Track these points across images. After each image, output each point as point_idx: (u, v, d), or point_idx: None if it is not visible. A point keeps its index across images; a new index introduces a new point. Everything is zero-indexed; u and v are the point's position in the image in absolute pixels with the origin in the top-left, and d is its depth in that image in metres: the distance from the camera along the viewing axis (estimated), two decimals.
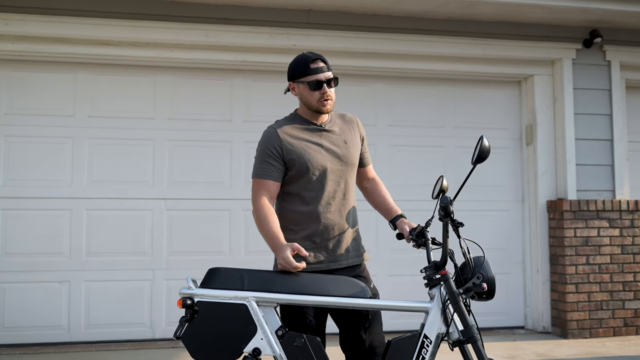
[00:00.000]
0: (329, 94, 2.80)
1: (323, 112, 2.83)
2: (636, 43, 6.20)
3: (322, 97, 2.79)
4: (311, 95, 2.81)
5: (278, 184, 2.78)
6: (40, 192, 5.37)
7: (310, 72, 2.79)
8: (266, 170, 2.76)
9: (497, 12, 5.71)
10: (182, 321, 2.52)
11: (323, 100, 2.80)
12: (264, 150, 2.78)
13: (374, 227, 5.83)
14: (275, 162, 2.76)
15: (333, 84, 2.83)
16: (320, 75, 2.79)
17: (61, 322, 5.35)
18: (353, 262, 2.86)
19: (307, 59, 2.81)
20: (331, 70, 2.85)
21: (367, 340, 2.77)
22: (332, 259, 2.80)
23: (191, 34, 5.40)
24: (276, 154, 2.76)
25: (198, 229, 5.61)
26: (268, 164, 2.76)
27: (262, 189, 2.76)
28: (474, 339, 2.52)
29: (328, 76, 2.81)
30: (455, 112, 6.20)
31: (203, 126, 5.69)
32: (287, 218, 2.83)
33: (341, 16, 5.65)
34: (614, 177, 6.05)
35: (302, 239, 2.78)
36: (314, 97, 2.80)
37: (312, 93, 2.80)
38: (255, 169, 2.80)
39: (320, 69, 2.80)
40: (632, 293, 5.90)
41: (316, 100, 2.80)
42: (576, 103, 6.05)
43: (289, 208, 2.82)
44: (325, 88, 2.79)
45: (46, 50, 5.28)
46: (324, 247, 2.79)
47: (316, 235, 2.79)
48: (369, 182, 3.11)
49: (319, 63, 2.81)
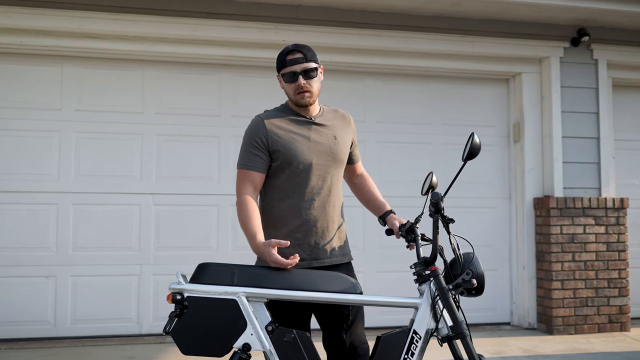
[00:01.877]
0: (303, 84, 2.71)
1: (302, 104, 2.77)
2: (623, 42, 6.26)
3: (297, 88, 2.73)
4: (288, 87, 2.76)
5: (263, 175, 2.73)
6: (26, 186, 5.33)
7: (286, 64, 2.74)
8: (251, 161, 2.71)
9: (486, 9, 5.73)
10: (172, 316, 2.50)
11: (299, 93, 2.74)
12: (250, 140, 2.73)
13: (361, 223, 5.84)
14: (261, 152, 2.71)
15: (314, 75, 2.74)
16: (296, 67, 2.72)
17: (47, 317, 5.31)
18: (337, 261, 2.81)
19: (285, 50, 2.76)
20: (313, 60, 2.75)
21: (347, 340, 2.75)
22: (313, 257, 2.75)
23: (179, 28, 5.37)
24: (261, 144, 2.71)
25: (186, 224, 5.59)
26: (253, 155, 2.71)
27: (246, 180, 2.71)
28: (463, 335, 2.53)
29: (305, 67, 2.72)
30: (444, 109, 6.22)
31: (191, 121, 5.66)
32: (268, 213, 2.78)
33: (330, 12, 5.64)
34: (600, 175, 6.10)
35: (284, 235, 2.72)
36: (291, 89, 2.75)
37: (289, 85, 2.75)
38: (240, 159, 2.75)
39: (296, 60, 2.72)
40: (617, 290, 5.95)
41: (293, 92, 2.75)
42: (563, 101, 6.09)
43: (271, 202, 2.77)
44: (300, 79, 2.71)
45: (32, 43, 5.23)
46: (306, 243, 2.74)
47: (298, 231, 2.73)
48: (358, 178, 3.07)
49: (296, 54, 2.73)
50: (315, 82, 2.77)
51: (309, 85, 2.74)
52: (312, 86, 2.75)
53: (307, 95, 2.75)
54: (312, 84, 2.75)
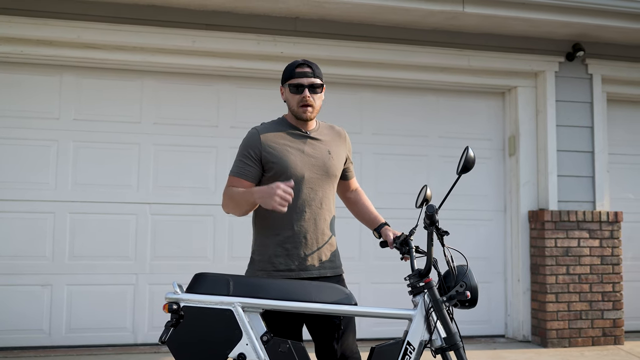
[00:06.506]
0: (308, 98, 2.79)
1: (303, 118, 2.83)
2: (618, 57, 6.32)
3: (302, 100, 2.80)
4: (293, 98, 2.83)
5: (252, 185, 2.78)
6: (23, 194, 5.34)
7: (294, 75, 2.82)
8: (243, 170, 2.78)
9: (482, 24, 5.78)
10: (168, 326, 2.52)
11: (302, 105, 2.80)
12: (243, 151, 2.81)
13: (357, 234, 5.86)
14: (253, 163, 2.78)
15: (319, 91, 2.84)
16: (303, 80, 2.81)
17: (42, 326, 5.31)
18: (326, 274, 2.83)
19: (295, 63, 2.85)
20: (320, 77, 2.85)
21: (339, 350, 2.77)
22: (302, 267, 2.78)
23: (178, 39, 5.41)
24: (254, 156, 2.78)
25: (182, 234, 5.61)
26: (245, 164, 2.78)
27: (233, 185, 2.79)
28: (457, 347, 2.56)
29: (312, 81, 2.81)
30: (440, 122, 6.26)
31: (189, 131, 5.69)
32: (260, 222, 2.84)
33: (328, 25, 5.69)
34: (595, 189, 6.14)
35: (274, 244, 2.77)
36: (295, 100, 2.82)
37: (294, 96, 2.82)
38: (233, 167, 2.83)
39: (304, 73, 2.81)
40: (611, 303, 5.98)
41: (296, 103, 2.81)
42: (558, 115, 6.14)
43: (263, 212, 2.80)
44: (306, 92, 2.79)
45: (32, 53, 5.26)
46: (296, 255, 2.77)
47: (287, 242, 2.77)
48: (352, 193, 3.13)
49: (305, 68, 2.82)
50: (318, 98, 2.86)
51: (312, 99, 2.82)
52: (315, 102, 2.84)
53: (309, 110, 2.82)
54: (315, 100, 2.84)
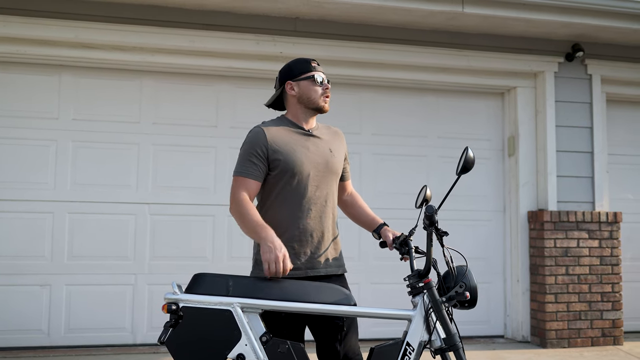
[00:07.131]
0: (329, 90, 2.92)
1: (323, 109, 2.90)
2: (617, 58, 6.32)
3: (325, 92, 2.89)
4: (315, 91, 2.86)
5: (259, 184, 2.77)
6: (22, 194, 5.33)
7: (312, 69, 2.89)
8: (249, 169, 2.75)
9: (482, 24, 5.78)
10: (167, 326, 2.52)
11: (325, 97, 2.89)
12: (249, 149, 2.77)
13: (356, 234, 5.85)
14: (259, 162, 2.76)
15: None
16: (322, 73, 2.92)
17: (41, 326, 5.31)
18: (332, 272, 2.84)
19: (305, 59, 2.93)
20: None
21: (341, 351, 2.76)
22: (309, 266, 2.78)
23: (177, 39, 5.40)
24: (261, 154, 2.76)
25: (181, 234, 5.60)
26: (252, 163, 2.75)
27: (242, 186, 2.74)
28: (456, 347, 2.55)
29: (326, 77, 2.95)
30: (439, 122, 6.25)
31: (188, 131, 5.69)
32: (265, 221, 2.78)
33: (328, 25, 5.69)
34: (594, 189, 6.14)
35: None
36: (318, 93, 2.87)
37: (316, 88, 2.87)
38: (238, 167, 2.79)
39: (320, 67, 2.93)
40: (610, 304, 5.98)
41: (319, 95, 2.87)
42: (558, 115, 6.14)
43: (268, 211, 2.80)
44: (327, 84, 2.90)
45: (30, 52, 5.25)
46: (303, 253, 2.77)
47: (294, 240, 2.76)
48: (348, 195, 3.13)
49: (315, 63, 2.93)
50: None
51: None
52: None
53: (328, 101, 2.93)
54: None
